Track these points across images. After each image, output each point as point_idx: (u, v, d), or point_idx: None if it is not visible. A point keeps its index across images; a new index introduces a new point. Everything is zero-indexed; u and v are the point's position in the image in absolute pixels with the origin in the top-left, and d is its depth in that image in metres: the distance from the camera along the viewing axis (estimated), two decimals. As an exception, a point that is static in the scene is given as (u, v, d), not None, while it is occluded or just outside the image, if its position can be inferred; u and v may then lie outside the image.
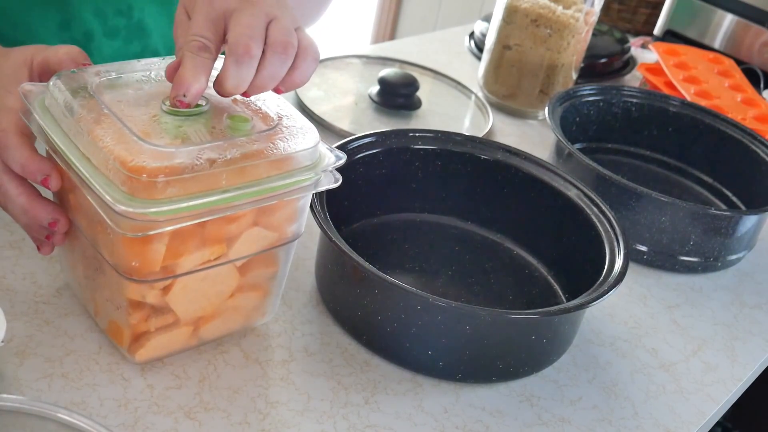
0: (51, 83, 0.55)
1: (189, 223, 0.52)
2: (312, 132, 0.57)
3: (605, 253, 0.69)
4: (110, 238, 0.53)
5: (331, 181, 0.58)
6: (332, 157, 0.58)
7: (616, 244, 0.70)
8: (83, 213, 0.56)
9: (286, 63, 0.55)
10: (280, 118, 0.58)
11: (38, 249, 0.59)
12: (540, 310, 0.62)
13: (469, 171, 0.80)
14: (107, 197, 0.49)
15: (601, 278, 0.66)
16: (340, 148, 0.72)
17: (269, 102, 0.59)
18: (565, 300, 0.75)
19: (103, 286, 0.58)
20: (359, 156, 0.74)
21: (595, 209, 0.74)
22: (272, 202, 0.56)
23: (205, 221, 0.53)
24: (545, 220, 0.78)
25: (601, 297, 0.63)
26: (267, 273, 0.62)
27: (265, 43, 0.54)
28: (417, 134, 0.79)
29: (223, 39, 0.55)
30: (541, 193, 0.78)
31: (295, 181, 0.56)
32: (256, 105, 0.58)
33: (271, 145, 0.55)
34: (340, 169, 0.58)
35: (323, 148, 0.59)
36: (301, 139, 0.56)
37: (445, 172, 0.80)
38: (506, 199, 0.80)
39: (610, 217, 0.72)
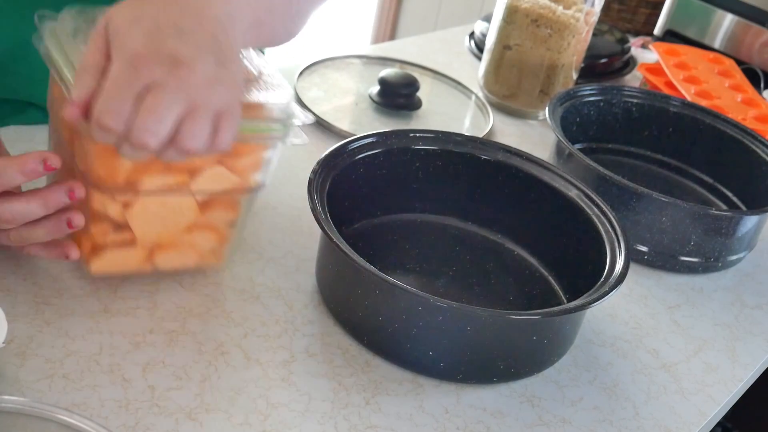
0: (63, 13, 0.60)
1: None
2: (287, 90, 0.61)
3: (606, 253, 0.69)
4: (84, 147, 0.58)
5: (298, 138, 0.61)
6: (302, 117, 0.61)
7: (617, 244, 0.70)
8: (66, 126, 0.60)
9: (184, 157, 0.53)
10: (260, 74, 0.61)
11: (67, 256, 0.61)
12: (541, 311, 0.62)
13: (470, 171, 0.80)
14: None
15: (602, 279, 0.66)
16: (340, 148, 0.72)
17: (255, 61, 0.63)
18: (566, 300, 0.75)
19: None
20: (359, 156, 0.74)
21: (596, 209, 0.74)
22: (238, 141, 0.57)
23: None
24: (546, 221, 0.78)
25: (603, 297, 0.63)
26: (226, 217, 0.65)
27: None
28: (417, 134, 0.79)
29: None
30: (541, 193, 0.78)
31: (264, 128, 0.60)
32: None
33: (246, 91, 0.58)
34: (341, 170, 0.59)
35: (295, 107, 0.61)
36: (276, 92, 0.60)
37: (445, 173, 0.80)
38: (507, 199, 0.80)
39: (611, 218, 0.72)
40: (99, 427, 0.47)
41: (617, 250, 0.69)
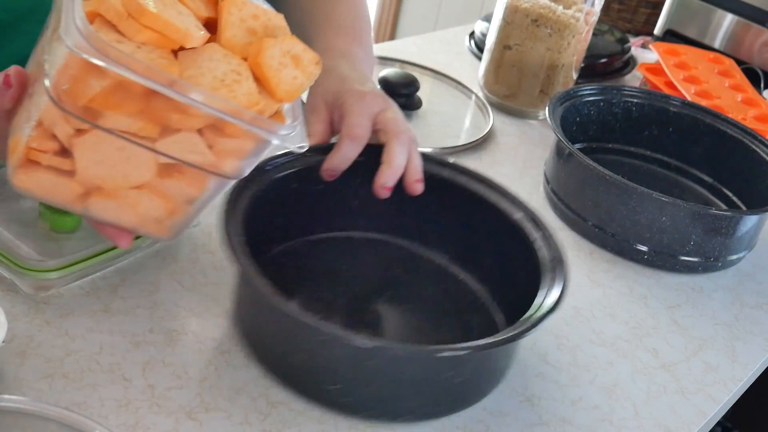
0: None
1: (131, 76, 0.49)
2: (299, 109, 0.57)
3: (545, 282, 0.64)
4: (62, 51, 0.49)
5: (296, 143, 0.55)
6: (301, 129, 0.56)
7: (556, 272, 0.64)
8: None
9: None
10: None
11: None
12: (457, 345, 0.57)
13: None
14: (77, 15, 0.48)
15: (529, 312, 0.61)
16: (271, 161, 0.68)
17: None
18: (506, 326, 0.66)
19: (31, 104, 0.54)
20: (293, 170, 0.69)
21: (538, 234, 0.68)
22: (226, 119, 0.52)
23: (153, 95, 0.50)
24: (490, 244, 0.73)
25: (523, 334, 0.58)
26: (185, 191, 0.56)
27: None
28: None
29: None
30: (486, 214, 0.72)
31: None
32: None
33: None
34: (273, 185, 0.61)
35: (301, 123, 0.56)
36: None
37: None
38: (452, 219, 0.74)
39: (553, 244, 0.67)
40: (99, 426, 0.47)
41: (554, 279, 0.64)
